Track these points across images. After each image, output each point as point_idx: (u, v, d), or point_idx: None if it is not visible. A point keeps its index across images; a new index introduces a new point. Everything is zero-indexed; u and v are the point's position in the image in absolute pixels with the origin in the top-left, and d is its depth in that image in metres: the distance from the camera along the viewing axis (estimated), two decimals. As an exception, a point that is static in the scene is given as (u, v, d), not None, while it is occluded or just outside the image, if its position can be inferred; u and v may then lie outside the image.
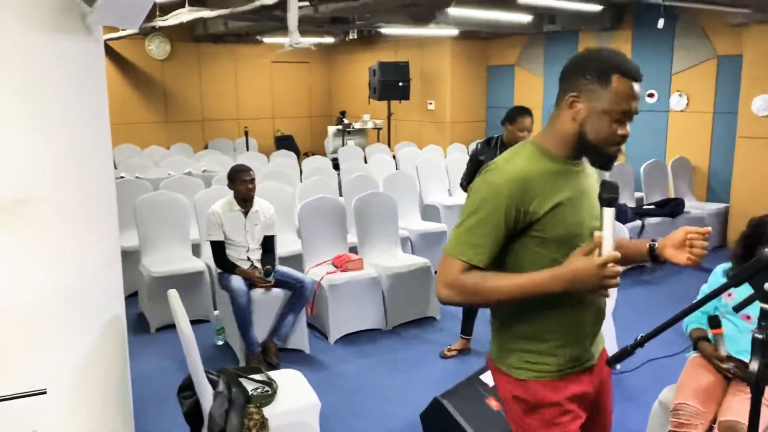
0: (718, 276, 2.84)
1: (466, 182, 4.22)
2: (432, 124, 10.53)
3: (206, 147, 10.31)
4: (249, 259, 4.23)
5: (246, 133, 10.49)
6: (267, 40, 10.02)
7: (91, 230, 2.42)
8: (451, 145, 9.30)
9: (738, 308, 1.70)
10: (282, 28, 7.63)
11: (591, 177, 1.74)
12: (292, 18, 3.87)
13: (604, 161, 1.66)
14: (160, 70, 10.77)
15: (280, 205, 5.20)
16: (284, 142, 11.06)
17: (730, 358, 2.64)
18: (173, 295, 2.52)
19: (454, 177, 7.81)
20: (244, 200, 4.20)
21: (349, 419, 3.51)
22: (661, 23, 5.59)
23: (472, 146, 9.19)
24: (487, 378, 3.28)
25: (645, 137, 7.72)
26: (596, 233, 1.48)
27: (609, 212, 1.50)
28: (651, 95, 7.80)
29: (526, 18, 7.59)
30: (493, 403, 3.15)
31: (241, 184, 4.15)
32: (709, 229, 1.63)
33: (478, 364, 3.45)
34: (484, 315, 4.34)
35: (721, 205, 7.01)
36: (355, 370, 4.13)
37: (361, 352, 4.41)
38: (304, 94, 12.50)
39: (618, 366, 3.95)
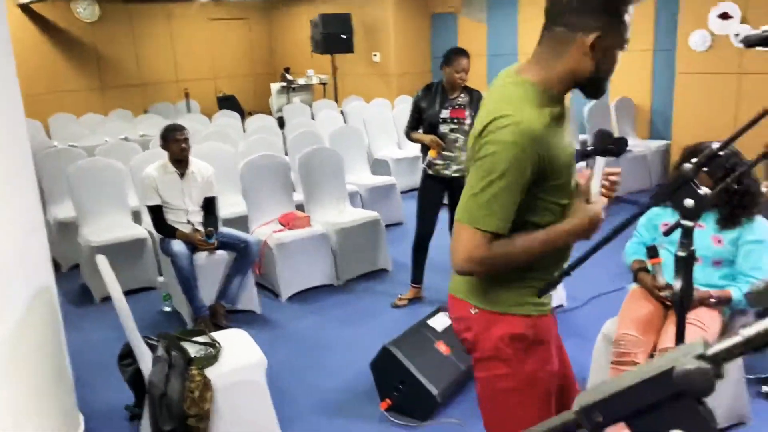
0: (654, 207, 2.88)
1: (409, 130, 4.17)
2: (378, 76, 10.36)
3: (146, 112, 9.95)
4: (189, 222, 4.11)
5: (186, 95, 10.15)
6: (201, -4, 9.63)
7: (6, 201, 2.29)
8: (399, 97, 9.19)
9: (667, 233, 1.71)
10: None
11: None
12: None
13: (601, 91, 1.60)
14: (91, 34, 10.27)
15: (222, 166, 5.06)
16: (227, 103, 10.76)
17: (668, 286, 2.69)
18: (101, 261, 2.42)
19: (402, 130, 7.73)
20: (179, 161, 4.05)
21: (302, 374, 3.49)
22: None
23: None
24: (435, 323, 3.29)
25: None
26: (591, 183, 1.45)
27: (602, 161, 1.46)
28: (592, 36, 7.79)
29: (465, -38, 7.45)
30: (442, 347, 3.17)
31: (174, 143, 3.99)
32: (619, 169, 1.65)
33: (429, 312, 3.45)
34: (432, 263, 4.35)
35: (663, 142, 7.14)
36: (307, 327, 4.10)
37: (313, 309, 4.38)
38: (245, 52, 12.13)
39: (565, 303, 4.07)
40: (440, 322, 3.30)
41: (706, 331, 2.59)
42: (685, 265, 1.17)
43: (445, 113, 3.95)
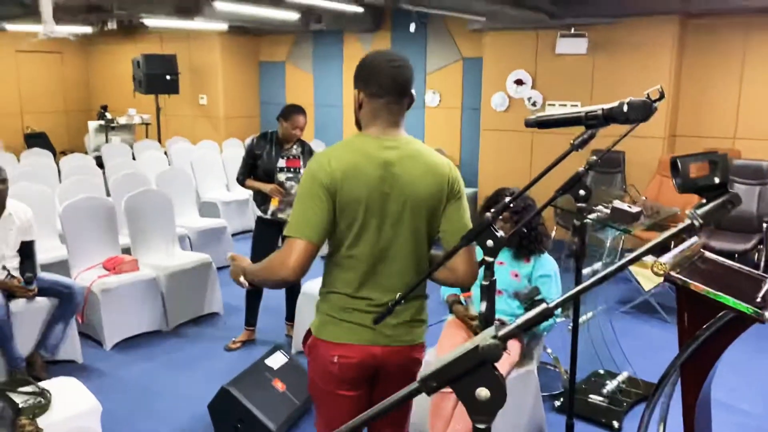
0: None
1: (242, 177, 4.28)
2: (205, 118, 10.31)
3: (-64, 147, 8.90)
4: (5, 268, 3.83)
5: (-12, 131, 9.29)
6: (10, 27, 8.91)
7: None
8: (227, 140, 9.23)
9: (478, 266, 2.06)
10: (28, 15, 6.91)
11: None
12: (46, 6, 3.56)
13: None
14: None
15: (37, 207, 4.75)
16: (36, 140, 9.99)
17: (478, 317, 3.10)
18: None
19: (231, 173, 7.78)
20: (-5, 203, 3.80)
21: (135, 422, 3.41)
22: (412, 27, 6.18)
23: (248, 141, 9.22)
24: (272, 362, 3.42)
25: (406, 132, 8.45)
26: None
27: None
28: (410, 93, 8.53)
29: (293, 15, 7.81)
30: (279, 385, 3.30)
31: (-10, 185, 3.74)
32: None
33: (264, 353, 3.55)
34: (265, 306, 4.45)
35: (471, 190, 7.94)
36: (136, 374, 3.99)
37: (142, 356, 4.26)
38: (58, 87, 11.36)
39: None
40: (277, 360, 3.43)
41: (509, 353, 3.03)
42: (488, 291, 1.48)
43: (281, 162, 4.16)
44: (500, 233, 1.47)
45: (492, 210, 1.45)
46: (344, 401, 1.96)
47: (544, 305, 0.72)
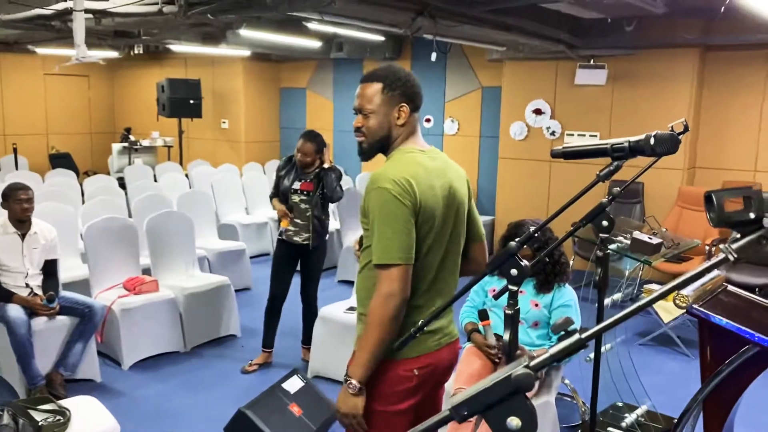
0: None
1: (272, 195, 4.41)
2: (227, 142, 10.45)
3: (-37, 166, 9.10)
4: (28, 285, 3.90)
5: (15, 150, 9.48)
6: (40, 50, 9.14)
7: None
8: (247, 164, 9.33)
9: (497, 296, 2.06)
10: (58, 39, 7.09)
11: None
12: (79, 31, 3.67)
13: None
14: None
15: (60, 227, 4.84)
16: (60, 161, 10.16)
17: (499, 338, 3.08)
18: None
19: (251, 196, 7.87)
20: (21, 221, 3.88)
21: (150, 443, 3.41)
22: (434, 56, 6.24)
23: (269, 163, 9.48)
24: (289, 386, 3.42)
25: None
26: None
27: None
28: (428, 120, 8.61)
29: (315, 44, 7.94)
30: (295, 409, 3.30)
31: (16, 203, 3.83)
32: None
33: (280, 376, 3.55)
34: (283, 328, 4.47)
35: (489, 218, 7.95)
36: (153, 395, 4.00)
37: (159, 376, 4.28)
38: (83, 109, 11.59)
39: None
40: (294, 384, 3.43)
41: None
42: (512, 320, 1.49)
43: (296, 185, 4.22)
44: (524, 262, 1.48)
45: (516, 240, 1.46)
46: (403, 419, 1.90)
47: (577, 336, 0.74)
